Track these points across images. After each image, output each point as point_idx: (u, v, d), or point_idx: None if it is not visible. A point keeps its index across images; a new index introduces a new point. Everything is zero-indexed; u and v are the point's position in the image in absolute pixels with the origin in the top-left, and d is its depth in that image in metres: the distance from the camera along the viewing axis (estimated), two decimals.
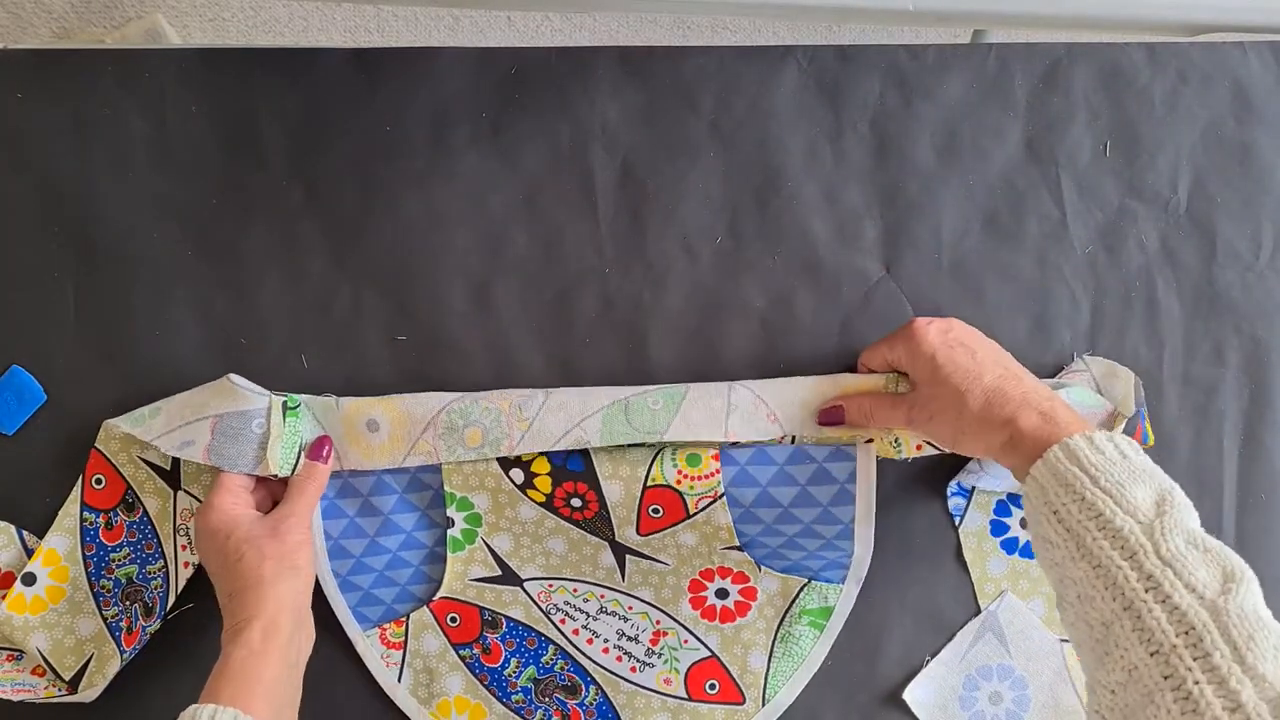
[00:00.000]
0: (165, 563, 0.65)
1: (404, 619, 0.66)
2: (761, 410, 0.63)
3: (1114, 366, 0.67)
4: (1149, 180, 0.69)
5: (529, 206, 0.68)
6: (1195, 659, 0.40)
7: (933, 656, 0.68)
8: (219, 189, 0.67)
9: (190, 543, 0.65)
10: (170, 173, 0.67)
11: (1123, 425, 0.63)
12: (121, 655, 0.64)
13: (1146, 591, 0.43)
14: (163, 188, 0.67)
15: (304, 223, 0.67)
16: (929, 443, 0.64)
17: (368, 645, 0.66)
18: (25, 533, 0.65)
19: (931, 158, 0.69)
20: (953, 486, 0.68)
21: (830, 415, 0.63)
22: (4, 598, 0.64)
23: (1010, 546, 0.68)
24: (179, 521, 0.65)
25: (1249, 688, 0.38)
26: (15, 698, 0.63)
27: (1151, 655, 0.41)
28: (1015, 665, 0.68)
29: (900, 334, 0.61)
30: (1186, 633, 0.41)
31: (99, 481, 0.65)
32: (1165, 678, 0.41)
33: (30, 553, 0.65)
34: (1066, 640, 0.68)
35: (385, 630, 0.66)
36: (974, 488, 0.68)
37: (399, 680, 0.66)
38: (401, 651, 0.66)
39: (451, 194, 0.68)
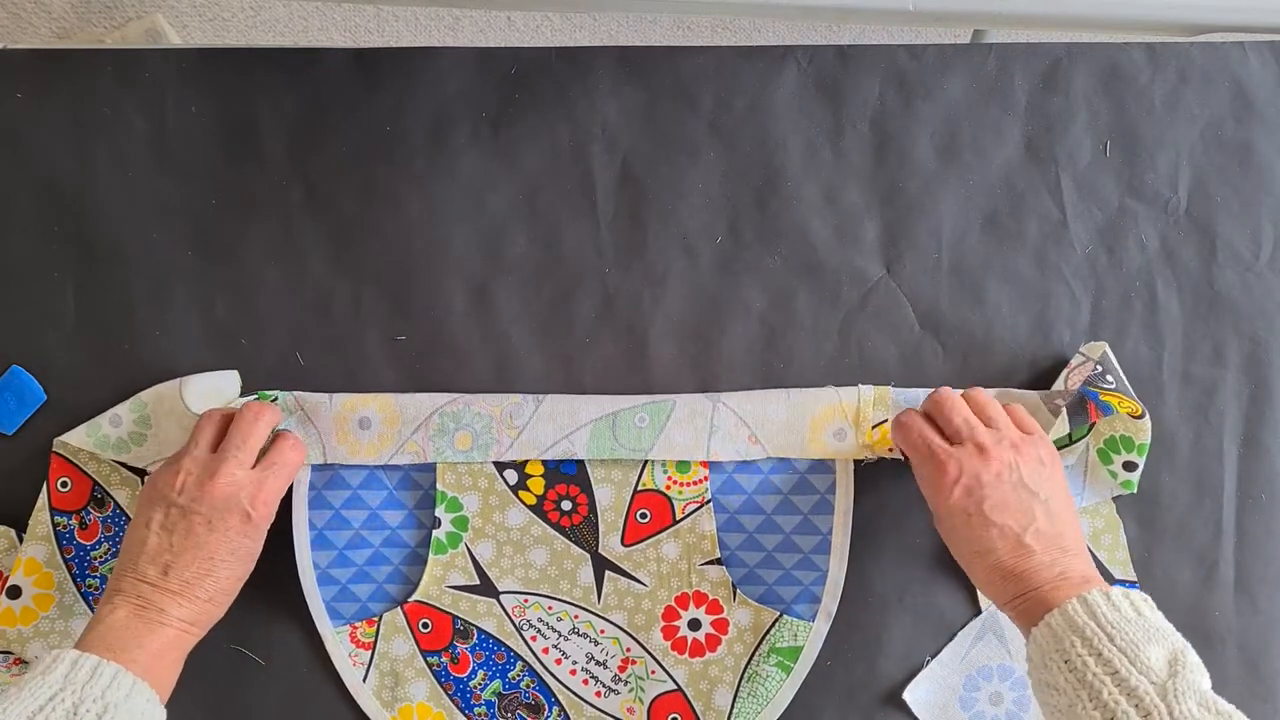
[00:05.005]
0: None
1: (376, 619, 0.66)
2: (743, 432, 0.65)
3: (1095, 345, 0.67)
4: (1149, 180, 0.69)
5: (529, 206, 0.68)
6: None
7: (933, 656, 0.68)
8: (219, 189, 0.67)
9: None
10: (170, 173, 0.67)
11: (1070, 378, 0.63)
12: None
13: None
14: (163, 188, 0.67)
15: (304, 223, 0.67)
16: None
17: (337, 642, 0.66)
18: (24, 535, 0.65)
19: (931, 158, 0.69)
20: None
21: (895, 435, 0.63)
22: None
23: None
24: None
25: None
26: None
27: None
28: (1015, 666, 0.68)
29: (929, 469, 0.59)
30: None
31: (64, 484, 0.65)
32: None
33: None
34: None
35: (356, 629, 0.66)
36: None
37: (364, 681, 0.66)
38: (370, 652, 0.66)
39: (451, 194, 0.68)
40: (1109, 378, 0.65)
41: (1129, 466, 0.66)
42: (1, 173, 0.66)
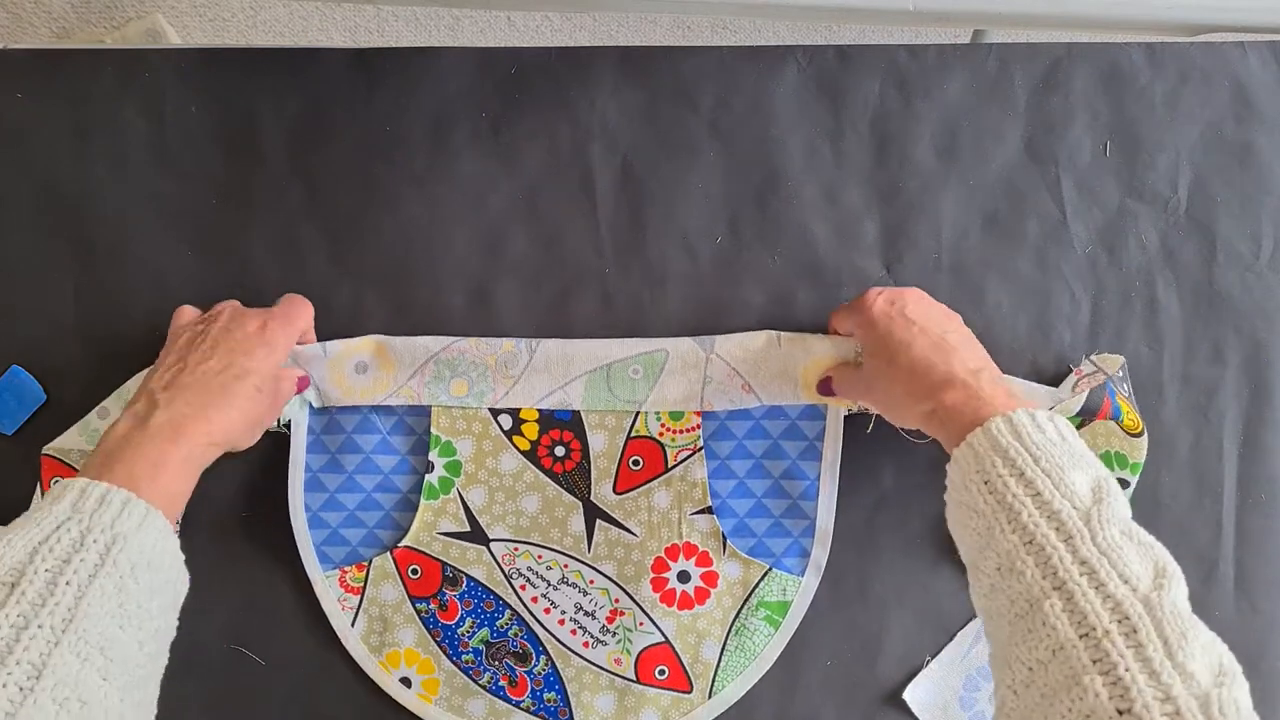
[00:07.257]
0: None
1: (365, 564, 0.66)
2: (736, 382, 0.66)
3: (1112, 357, 0.67)
4: (1149, 180, 0.69)
5: (529, 206, 0.68)
6: (1129, 647, 0.40)
7: (933, 656, 0.68)
8: (219, 189, 0.67)
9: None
10: (170, 173, 0.67)
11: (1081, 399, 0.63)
12: None
13: (1081, 575, 0.43)
14: (163, 188, 0.67)
15: (304, 222, 0.67)
16: None
17: (326, 587, 0.66)
18: None
19: (931, 158, 0.69)
20: None
21: (823, 387, 0.65)
22: None
23: None
24: None
25: (1179, 683, 0.39)
26: None
27: (1081, 638, 0.41)
28: None
29: (854, 302, 0.62)
30: (1120, 620, 0.41)
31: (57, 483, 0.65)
32: (1094, 661, 0.40)
33: None
34: None
35: (345, 573, 0.66)
36: None
37: (352, 625, 0.67)
38: (359, 597, 0.67)
39: (451, 194, 0.68)
40: (1125, 387, 0.65)
41: (1121, 484, 0.66)
42: (1, 173, 0.66)
